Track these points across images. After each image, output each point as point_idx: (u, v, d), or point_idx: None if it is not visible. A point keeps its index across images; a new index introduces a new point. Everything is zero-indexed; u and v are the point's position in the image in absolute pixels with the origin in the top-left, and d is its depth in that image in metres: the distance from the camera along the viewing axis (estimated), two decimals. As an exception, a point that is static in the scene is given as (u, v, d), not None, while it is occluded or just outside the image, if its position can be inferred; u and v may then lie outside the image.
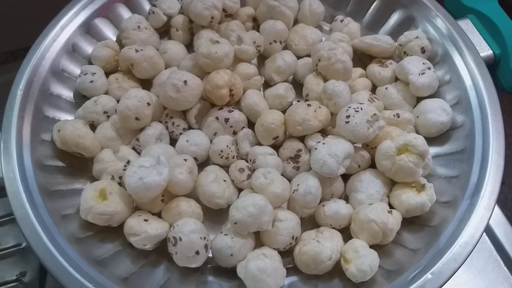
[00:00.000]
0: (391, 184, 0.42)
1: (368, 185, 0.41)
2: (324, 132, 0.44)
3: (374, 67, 0.49)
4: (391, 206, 0.41)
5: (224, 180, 0.43)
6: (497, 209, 0.52)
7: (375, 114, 0.41)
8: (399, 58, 0.50)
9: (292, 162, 0.43)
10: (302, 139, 0.44)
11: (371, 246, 0.38)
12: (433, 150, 0.44)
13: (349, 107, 0.41)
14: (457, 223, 0.37)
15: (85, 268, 0.36)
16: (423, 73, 0.45)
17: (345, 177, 0.43)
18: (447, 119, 0.44)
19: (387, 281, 0.36)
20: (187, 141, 0.44)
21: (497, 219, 0.53)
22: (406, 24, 0.52)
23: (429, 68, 0.46)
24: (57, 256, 0.36)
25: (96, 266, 0.37)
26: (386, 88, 0.47)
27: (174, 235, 0.38)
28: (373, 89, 0.49)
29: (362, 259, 0.36)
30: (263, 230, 0.39)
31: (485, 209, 0.37)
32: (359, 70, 0.50)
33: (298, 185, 0.40)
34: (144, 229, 0.38)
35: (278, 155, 0.44)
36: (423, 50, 0.48)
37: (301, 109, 0.43)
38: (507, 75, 0.46)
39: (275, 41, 0.50)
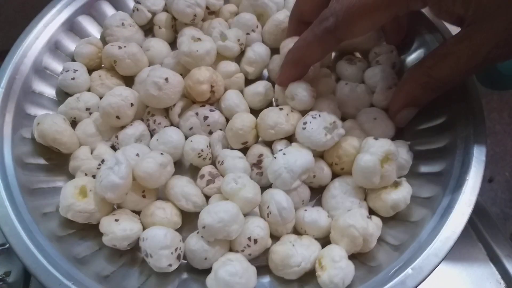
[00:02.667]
0: (363, 188, 0.41)
1: (342, 199, 0.40)
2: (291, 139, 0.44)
3: (342, 64, 0.48)
4: (371, 210, 0.41)
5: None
6: (484, 207, 0.53)
7: (334, 122, 0.40)
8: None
9: (256, 168, 0.43)
10: (265, 143, 0.44)
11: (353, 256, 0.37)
12: (417, 146, 0.44)
13: (308, 114, 0.41)
14: (438, 218, 0.37)
15: (65, 267, 0.36)
16: (389, 88, 0.45)
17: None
18: None
19: (367, 277, 0.36)
20: (157, 140, 0.44)
21: (483, 214, 0.53)
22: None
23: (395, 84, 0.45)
24: (37, 255, 0.35)
25: (77, 264, 0.37)
26: (346, 84, 0.46)
27: (145, 249, 0.37)
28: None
29: (336, 271, 0.35)
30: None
31: (467, 204, 0.37)
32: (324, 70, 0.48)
33: (268, 207, 0.39)
34: (112, 230, 0.38)
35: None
36: (393, 65, 0.47)
37: (273, 112, 0.42)
38: (490, 70, 0.46)
39: (247, 33, 0.50)
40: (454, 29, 0.38)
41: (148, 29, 0.53)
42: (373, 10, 0.35)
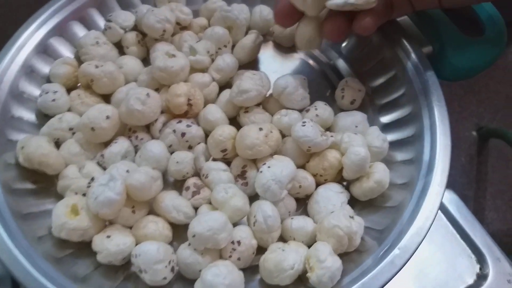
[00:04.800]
0: (345, 193, 0.44)
1: (324, 203, 0.42)
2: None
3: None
4: (355, 200, 0.44)
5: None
6: (448, 189, 0.57)
7: (324, 131, 0.44)
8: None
9: (240, 179, 0.44)
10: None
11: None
12: (389, 137, 0.47)
13: (303, 118, 0.44)
14: (416, 200, 0.40)
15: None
16: None
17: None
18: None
19: (358, 262, 0.39)
20: (140, 156, 0.45)
21: (449, 196, 0.57)
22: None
23: None
24: (40, 279, 0.36)
25: (81, 284, 0.37)
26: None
27: (138, 265, 0.37)
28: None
29: (323, 271, 0.36)
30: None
31: (439, 185, 0.40)
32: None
33: (254, 216, 0.40)
34: (105, 246, 0.38)
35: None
36: (352, 101, 0.50)
37: (252, 132, 0.43)
38: (446, 64, 0.51)
39: (220, 48, 0.52)
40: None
41: (121, 46, 0.54)
42: None
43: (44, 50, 0.50)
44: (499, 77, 1.09)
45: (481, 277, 0.53)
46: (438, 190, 0.40)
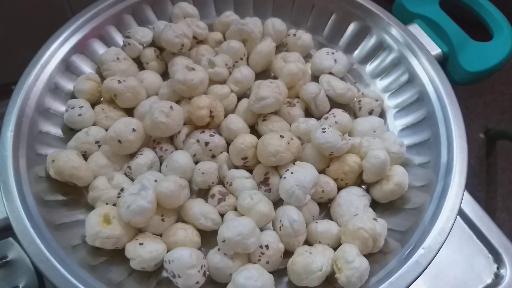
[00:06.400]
0: (366, 196, 0.45)
1: (347, 206, 0.44)
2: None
3: (283, 108, 0.51)
4: (376, 203, 0.45)
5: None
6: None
7: (342, 134, 0.45)
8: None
9: (264, 186, 0.46)
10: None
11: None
12: (406, 141, 0.49)
13: (322, 124, 0.46)
14: (436, 202, 0.42)
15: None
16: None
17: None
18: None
19: (384, 263, 0.40)
20: (166, 166, 0.46)
21: (464, 198, 0.58)
22: (363, 33, 0.57)
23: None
24: (80, 286, 0.37)
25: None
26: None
27: (172, 271, 0.39)
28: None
29: (352, 271, 0.38)
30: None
31: (458, 186, 0.42)
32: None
33: (280, 221, 0.42)
34: (139, 253, 0.40)
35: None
36: (370, 112, 0.52)
37: (274, 140, 0.44)
38: (457, 69, 0.52)
39: (236, 61, 0.54)
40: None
41: (139, 61, 0.56)
42: None
43: (66, 67, 0.52)
44: (503, 79, 1.10)
45: (499, 276, 0.54)
46: (457, 191, 0.41)
